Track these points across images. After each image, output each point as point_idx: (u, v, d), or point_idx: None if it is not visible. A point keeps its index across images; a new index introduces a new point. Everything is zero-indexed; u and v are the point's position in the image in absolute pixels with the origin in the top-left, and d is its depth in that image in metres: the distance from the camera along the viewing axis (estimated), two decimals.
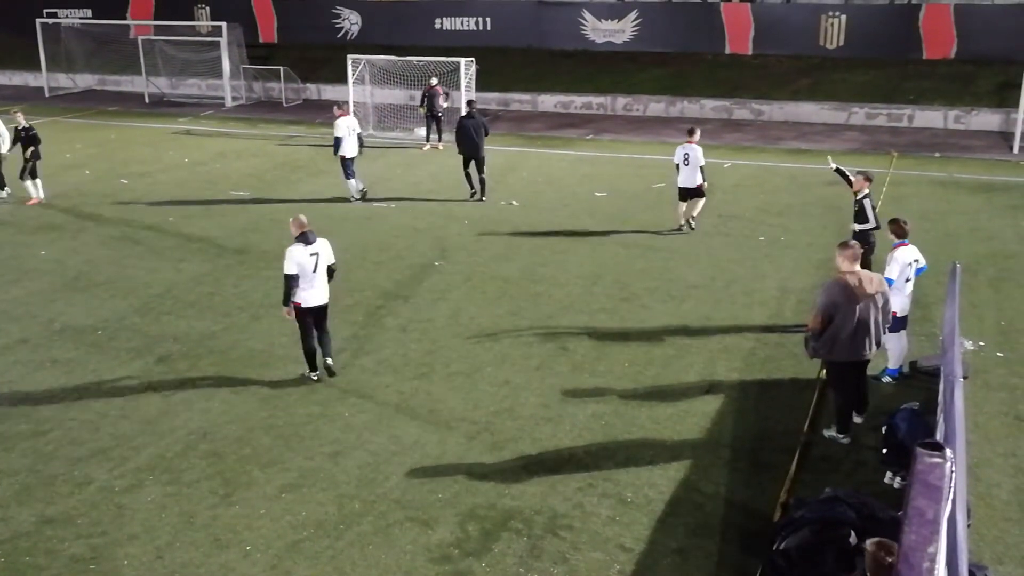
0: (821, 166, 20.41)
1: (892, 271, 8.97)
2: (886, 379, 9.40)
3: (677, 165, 14.88)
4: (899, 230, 9.23)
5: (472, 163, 17.22)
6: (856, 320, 7.87)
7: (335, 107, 17.97)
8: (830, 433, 8.36)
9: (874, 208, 11.13)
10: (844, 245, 8.15)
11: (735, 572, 6.49)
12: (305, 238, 9.31)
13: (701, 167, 14.71)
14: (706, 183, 14.99)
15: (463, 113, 17.93)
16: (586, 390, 9.34)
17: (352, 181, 17.33)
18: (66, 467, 7.90)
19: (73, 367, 9.99)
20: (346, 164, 17.13)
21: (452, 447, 8.20)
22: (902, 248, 9.13)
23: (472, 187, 17.38)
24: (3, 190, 17.39)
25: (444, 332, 10.92)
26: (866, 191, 11.19)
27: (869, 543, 4.55)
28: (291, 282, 9.13)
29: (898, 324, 9.22)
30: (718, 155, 21.85)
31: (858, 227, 11.04)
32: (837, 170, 12.39)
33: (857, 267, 8.01)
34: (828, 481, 7.43)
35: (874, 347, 8.14)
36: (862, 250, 8.43)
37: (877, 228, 10.95)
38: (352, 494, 7.46)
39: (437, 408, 8.97)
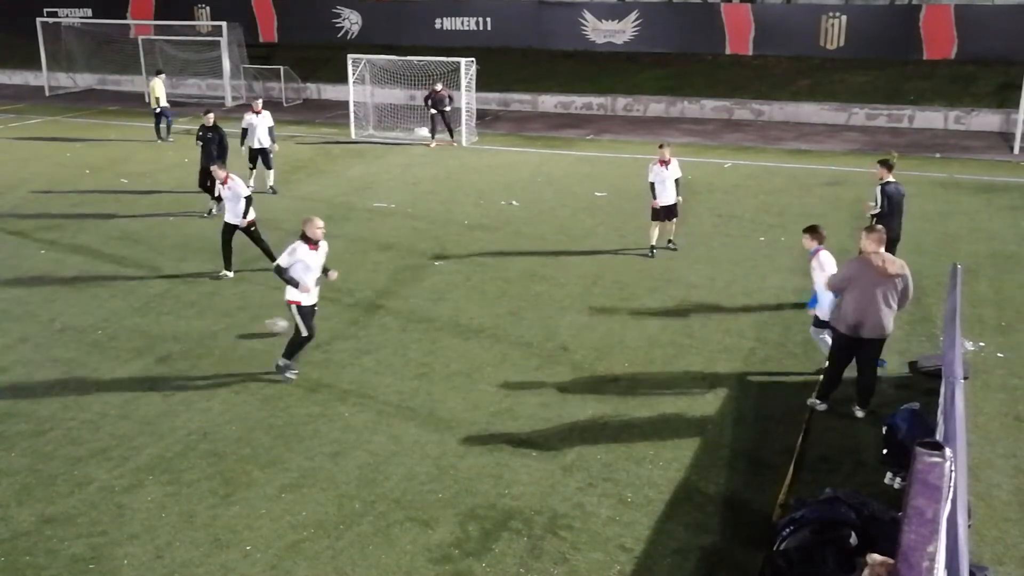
0: (821, 166, 20.50)
1: (830, 268, 9.26)
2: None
3: (652, 184, 13.79)
4: (819, 236, 9.52)
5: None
6: (869, 298, 8.23)
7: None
8: (811, 400, 8.86)
9: (889, 196, 11.53)
10: (870, 228, 8.63)
11: (735, 572, 6.49)
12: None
13: (676, 180, 13.73)
14: (680, 198, 13.93)
15: (209, 125, 16.93)
16: (586, 390, 9.34)
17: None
18: (66, 467, 7.90)
19: (73, 367, 9.99)
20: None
21: (452, 447, 8.20)
22: (824, 251, 9.47)
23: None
24: None
25: (444, 332, 10.92)
26: (887, 178, 11.65)
27: (870, 559, 4.37)
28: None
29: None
30: (718, 155, 21.89)
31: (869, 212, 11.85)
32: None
33: (881, 249, 8.39)
34: (828, 481, 7.44)
35: (877, 331, 8.35)
36: (885, 234, 8.71)
37: (879, 212, 11.53)
38: (352, 494, 7.46)
39: (437, 408, 8.97)
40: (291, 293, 9.37)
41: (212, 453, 8.12)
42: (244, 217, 12.74)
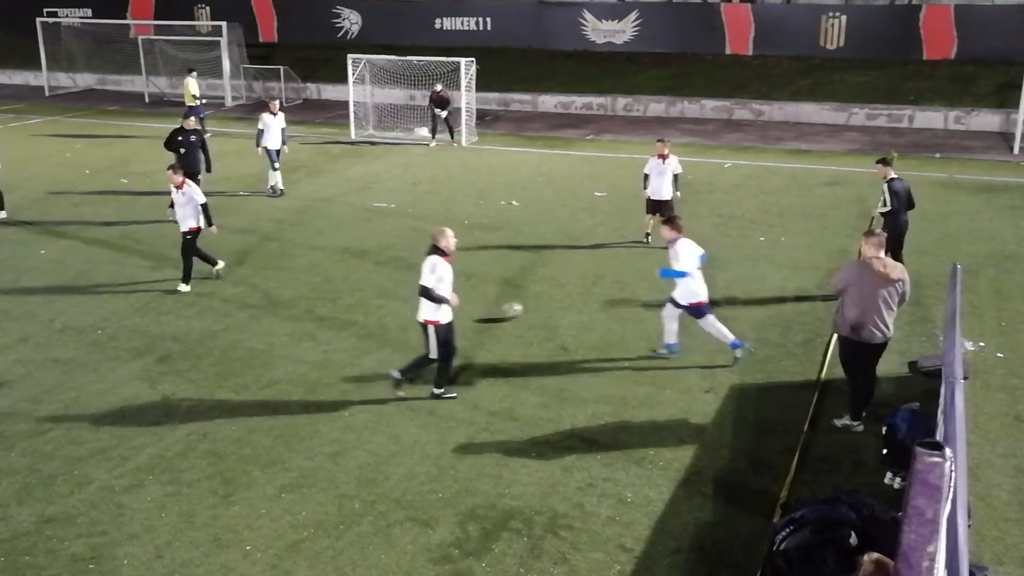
0: (821, 166, 20.50)
1: (685, 263, 9.65)
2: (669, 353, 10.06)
3: (646, 175, 14.21)
4: (678, 227, 9.88)
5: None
6: (868, 302, 8.13)
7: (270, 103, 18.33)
8: (842, 422, 8.51)
9: (896, 193, 11.76)
10: (870, 233, 8.54)
11: (735, 572, 6.49)
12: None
13: (676, 176, 14.10)
14: (679, 194, 14.33)
15: (189, 127, 16.52)
16: (586, 390, 9.34)
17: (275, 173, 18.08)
18: (66, 467, 7.90)
19: (73, 366, 9.99)
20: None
21: (452, 447, 8.20)
22: (683, 241, 9.77)
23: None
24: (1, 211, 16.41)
25: None
26: (890, 175, 11.85)
27: (867, 557, 4.48)
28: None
29: (705, 310, 9.89)
30: (718, 155, 21.89)
31: (878, 211, 12.15)
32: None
33: (881, 253, 8.32)
34: (828, 481, 7.44)
35: (879, 335, 8.26)
36: (886, 235, 8.76)
37: (889, 211, 11.82)
38: (352, 494, 7.46)
39: (437, 408, 8.97)
40: (428, 313, 8.80)
41: (212, 453, 8.12)
42: (210, 225, 12.55)
